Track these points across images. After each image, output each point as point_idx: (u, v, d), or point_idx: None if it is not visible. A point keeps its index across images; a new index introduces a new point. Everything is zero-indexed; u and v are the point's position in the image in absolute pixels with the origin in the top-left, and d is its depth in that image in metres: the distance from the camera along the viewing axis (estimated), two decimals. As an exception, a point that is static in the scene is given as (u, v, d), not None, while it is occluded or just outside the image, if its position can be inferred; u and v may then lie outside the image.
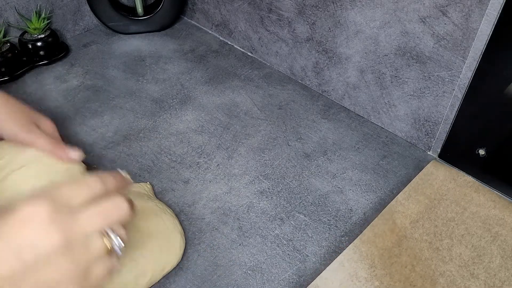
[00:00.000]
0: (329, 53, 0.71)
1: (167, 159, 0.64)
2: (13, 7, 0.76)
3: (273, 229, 0.56)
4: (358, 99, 0.71)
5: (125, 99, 0.74)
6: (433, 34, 0.57)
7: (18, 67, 0.76)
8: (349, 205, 0.59)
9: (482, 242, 0.55)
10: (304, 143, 0.67)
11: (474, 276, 0.51)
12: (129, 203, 0.34)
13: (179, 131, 0.68)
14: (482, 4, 0.51)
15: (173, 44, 0.86)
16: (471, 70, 0.56)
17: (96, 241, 0.32)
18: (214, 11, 0.86)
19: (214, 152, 0.65)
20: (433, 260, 0.53)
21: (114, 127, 0.68)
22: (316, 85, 0.76)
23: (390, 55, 0.63)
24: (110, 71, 0.79)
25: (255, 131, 0.69)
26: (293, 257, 0.53)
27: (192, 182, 0.61)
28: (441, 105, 0.61)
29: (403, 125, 0.68)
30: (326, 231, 0.56)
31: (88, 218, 0.32)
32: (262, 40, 0.80)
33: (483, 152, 0.60)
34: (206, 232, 0.55)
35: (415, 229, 0.56)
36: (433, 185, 0.61)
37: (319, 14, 0.68)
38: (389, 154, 0.67)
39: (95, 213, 0.32)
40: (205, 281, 0.50)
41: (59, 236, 0.30)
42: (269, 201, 0.59)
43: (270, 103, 0.74)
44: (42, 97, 0.73)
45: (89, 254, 0.32)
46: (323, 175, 0.63)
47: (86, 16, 0.87)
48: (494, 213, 0.58)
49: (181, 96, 0.75)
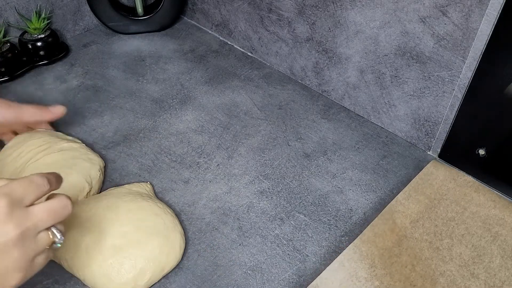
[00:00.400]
0: (329, 53, 0.71)
1: (167, 159, 0.64)
2: (13, 7, 0.76)
3: (273, 229, 0.56)
4: (358, 99, 0.71)
5: (125, 99, 0.74)
6: (433, 34, 0.57)
7: (18, 67, 0.76)
8: (349, 205, 0.59)
9: (482, 242, 0.55)
10: (304, 143, 0.67)
11: (474, 276, 0.51)
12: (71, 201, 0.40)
13: (179, 131, 0.68)
14: (482, 4, 0.51)
15: (173, 44, 0.86)
16: (471, 70, 0.56)
17: (43, 236, 0.37)
18: (214, 11, 0.86)
19: (214, 152, 0.65)
20: (433, 260, 0.53)
21: (114, 127, 0.68)
22: (316, 85, 0.76)
23: (390, 55, 0.63)
24: (110, 71, 0.79)
25: (255, 131, 0.69)
26: (293, 257, 0.53)
27: (192, 182, 0.61)
28: (441, 105, 0.61)
29: (403, 125, 0.68)
30: (326, 231, 0.56)
31: (40, 215, 0.37)
32: (262, 40, 0.80)
33: (483, 152, 0.60)
34: (206, 232, 0.55)
35: (415, 228, 0.56)
36: (433, 185, 0.61)
37: (319, 14, 0.68)
38: (389, 154, 0.67)
39: (45, 211, 0.37)
40: (205, 281, 0.50)
41: (15, 230, 0.35)
42: (269, 201, 0.59)
43: (270, 103, 0.74)
44: (42, 97, 0.73)
45: (37, 246, 0.37)
46: (323, 175, 0.63)
47: (86, 16, 0.87)
48: (494, 213, 0.58)
49: (181, 96, 0.75)
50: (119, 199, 0.52)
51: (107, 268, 0.47)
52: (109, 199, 0.52)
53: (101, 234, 0.48)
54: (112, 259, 0.47)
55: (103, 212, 0.50)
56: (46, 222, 0.37)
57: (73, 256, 0.48)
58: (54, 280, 0.49)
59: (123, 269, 0.47)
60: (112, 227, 0.49)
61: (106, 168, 0.61)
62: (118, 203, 0.51)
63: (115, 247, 0.48)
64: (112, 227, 0.49)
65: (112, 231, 0.49)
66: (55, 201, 0.38)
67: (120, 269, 0.47)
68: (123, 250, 0.47)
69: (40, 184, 0.38)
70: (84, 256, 0.47)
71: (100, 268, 0.47)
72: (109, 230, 0.49)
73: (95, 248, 0.47)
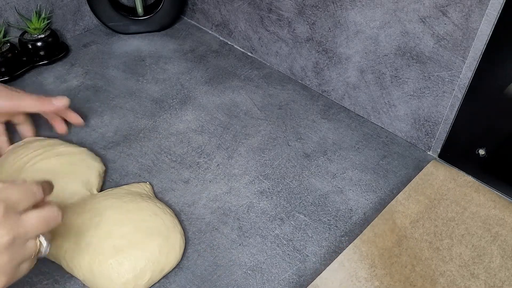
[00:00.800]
0: (329, 53, 0.71)
1: (167, 159, 0.64)
2: (13, 7, 0.76)
3: (273, 229, 0.56)
4: (358, 99, 0.71)
5: (125, 99, 0.74)
6: (433, 34, 0.57)
7: (18, 67, 0.76)
8: (349, 205, 0.59)
9: (482, 242, 0.55)
10: (304, 143, 0.67)
11: (474, 276, 0.51)
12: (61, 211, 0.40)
13: (179, 131, 0.68)
14: (482, 4, 0.51)
15: (173, 44, 0.86)
16: (471, 70, 0.56)
17: (31, 244, 0.38)
18: (214, 11, 0.86)
19: (214, 152, 0.65)
20: (433, 260, 0.53)
21: (114, 127, 0.68)
22: (316, 85, 0.76)
23: (390, 55, 0.63)
24: (110, 71, 0.79)
25: (255, 131, 0.69)
26: (293, 257, 0.53)
27: (192, 182, 0.61)
28: (441, 105, 0.61)
29: (403, 125, 0.68)
30: (326, 231, 0.56)
31: (32, 223, 0.38)
32: (262, 40, 0.80)
33: (483, 152, 0.60)
34: (206, 232, 0.55)
35: (415, 229, 0.56)
36: (433, 185, 0.61)
37: (319, 14, 0.68)
38: (389, 154, 0.67)
39: (37, 219, 0.38)
40: (205, 281, 0.50)
41: (7, 235, 0.35)
42: (269, 201, 0.59)
43: (270, 103, 0.74)
44: (42, 97, 0.73)
45: (24, 253, 0.38)
46: (323, 175, 0.63)
47: (86, 16, 0.87)
48: (494, 213, 0.58)
49: (181, 96, 0.75)
50: (118, 199, 0.52)
51: (107, 269, 0.47)
52: (108, 200, 0.52)
53: (100, 234, 0.48)
54: (112, 259, 0.47)
55: (103, 213, 0.50)
56: (37, 231, 0.38)
57: (73, 257, 0.48)
58: (54, 280, 0.49)
59: (123, 270, 0.47)
60: (111, 228, 0.49)
61: (106, 169, 0.61)
62: (117, 204, 0.51)
63: (115, 247, 0.47)
64: (111, 227, 0.49)
65: (112, 232, 0.48)
66: (46, 211, 0.39)
67: (120, 270, 0.47)
68: (123, 251, 0.47)
69: (35, 192, 0.39)
70: (84, 257, 0.47)
71: (100, 268, 0.47)
72: (108, 231, 0.49)
73: (95, 248, 0.47)
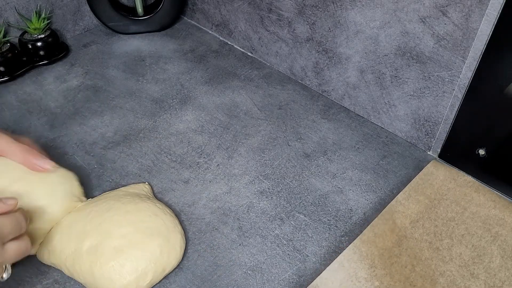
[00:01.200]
0: (329, 53, 0.71)
1: (167, 159, 0.64)
2: (13, 7, 0.76)
3: (273, 229, 0.56)
4: (358, 99, 0.71)
5: (125, 99, 0.74)
6: (433, 34, 0.57)
7: (18, 67, 0.76)
8: (349, 205, 0.59)
9: (482, 242, 0.55)
10: (304, 143, 0.67)
11: (474, 276, 0.51)
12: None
13: (179, 131, 0.68)
14: (482, 4, 0.51)
15: (173, 44, 0.86)
16: (471, 70, 0.56)
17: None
18: (214, 11, 0.86)
19: (214, 152, 0.65)
20: (433, 260, 0.53)
21: (114, 127, 0.68)
22: (316, 85, 0.76)
23: (390, 55, 0.63)
24: (110, 71, 0.79)
25: (255, 131, 0.69)
26: (293, 257, 0.53)
27: (192, 182, 0.61)
28: (441, 105, 0.61)
29: (403, 125, 0.68)
30: (326, 231, 0.56)
31: (10, 254, 0.40)
32: (262, 40, 0.80)
33: (483, 152, 0.60)
34: (206, 232, 0.55)
35: (415, 229, 0.56)
36: (433, 185, 0.61)
37: (319, 14, 0.68)
38: (389, 154, 0.67)
39: (15, 250, 0.40)
40: (205, 281, 0.50)
41: None
42: (269, 201, 0.59)
43: (270, 103, 0.74)
44: (42, 97, 0.73)
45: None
46: (323, 175, 0.63)
47: (86, 16, 0.87)
48: (494, 213, 0.58)
49: (181, 96, 0.75)
50: (117, 201, 0.52)
51: (109, 271, 0.46)
52: (107, 202, 0.51)
53: (100, 237, 0.48)
54: (113, 261, 0.47)
55: (102, 215, 0.50)
56: (12, 260, 0.40)
57: (74, 263, 0.47)
58: (54, 280, 0.49)
59: (124, 271, 0.47)
60: (111, 229, 0.48)
61: (105, 168, 0.61)
62: (116, 205, 0.51)
63: (116, 249, 0.47)
64: (111, 229, 0.49)
65: (112, 233, 0.48)
66: (24, 242, 0.41)
67: (122, 271, 0.47)
68: (124, 252, 0.47)
69: (22, 225, 0.41)
70: (85, 260, 0.47)
71: (101, 271, 0.46)
72: (108, 233, 0.48)
73: (96, 251, 0.47)
